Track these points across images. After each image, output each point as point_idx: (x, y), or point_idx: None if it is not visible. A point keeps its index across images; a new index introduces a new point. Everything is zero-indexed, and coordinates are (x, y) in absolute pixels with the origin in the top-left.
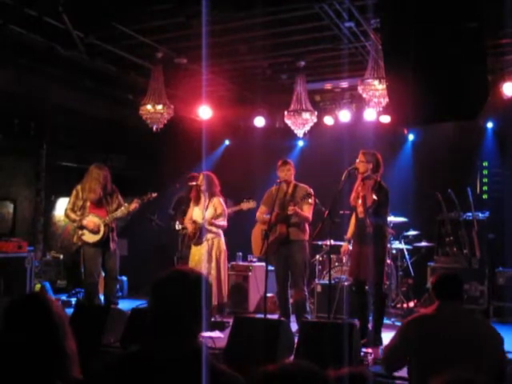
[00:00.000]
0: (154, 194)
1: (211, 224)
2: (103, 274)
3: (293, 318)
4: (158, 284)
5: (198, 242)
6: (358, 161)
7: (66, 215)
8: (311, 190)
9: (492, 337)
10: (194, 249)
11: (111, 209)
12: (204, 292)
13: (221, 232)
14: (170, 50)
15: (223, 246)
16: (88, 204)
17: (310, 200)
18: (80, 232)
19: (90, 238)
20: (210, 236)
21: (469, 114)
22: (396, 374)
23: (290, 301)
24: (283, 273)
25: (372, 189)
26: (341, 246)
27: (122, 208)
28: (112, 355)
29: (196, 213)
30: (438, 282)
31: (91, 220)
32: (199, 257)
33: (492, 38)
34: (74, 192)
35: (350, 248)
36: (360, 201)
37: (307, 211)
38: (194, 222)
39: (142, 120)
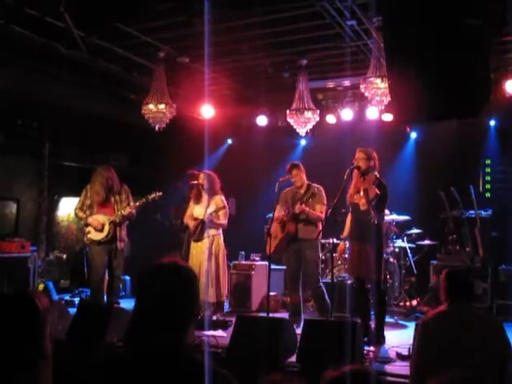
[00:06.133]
0: (159, 193)
1: (212, 220)
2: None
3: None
4: (147, 275)
5: (199, 239)
6: (357, 159)
7: (75, 214)
8: (321, 189)
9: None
10: (193, 245)
11: (120, 208)
12: (193, 285)
13: (220, 231)
14: (173, 49)
15: (222, 245)
16: (95, 203)
17: (321, 199)
18: (87, 230)
19: (95, 236)
20: (211, 233)
21: (471, 111)
22: (397, 372)
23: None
24: (293, 271)
25: (373, 183)
26: None
27: (127, 207)
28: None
29: (197, 210)
30: (448, 283)
31: (96, 218)
32: (199, 253)
33: (495, 36)
34: (84, 191)
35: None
36: (361, 193)
37: (319, 210)
38: (195, 219)
39: (144, 119)
